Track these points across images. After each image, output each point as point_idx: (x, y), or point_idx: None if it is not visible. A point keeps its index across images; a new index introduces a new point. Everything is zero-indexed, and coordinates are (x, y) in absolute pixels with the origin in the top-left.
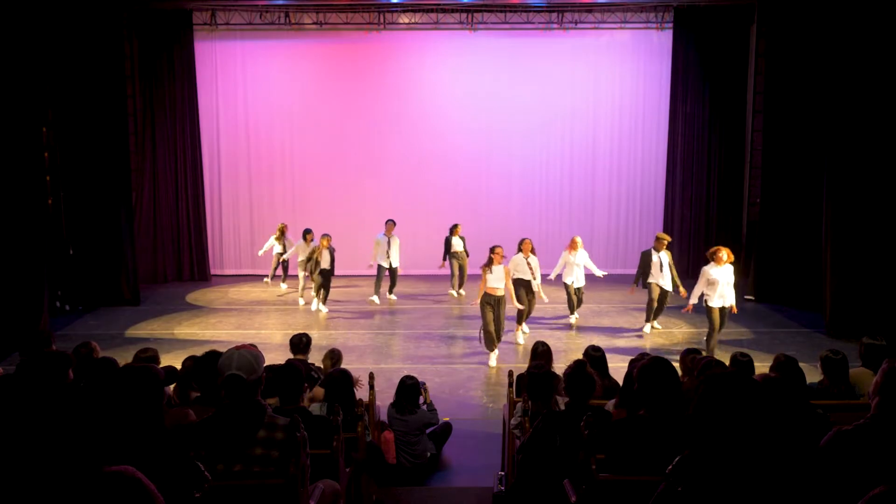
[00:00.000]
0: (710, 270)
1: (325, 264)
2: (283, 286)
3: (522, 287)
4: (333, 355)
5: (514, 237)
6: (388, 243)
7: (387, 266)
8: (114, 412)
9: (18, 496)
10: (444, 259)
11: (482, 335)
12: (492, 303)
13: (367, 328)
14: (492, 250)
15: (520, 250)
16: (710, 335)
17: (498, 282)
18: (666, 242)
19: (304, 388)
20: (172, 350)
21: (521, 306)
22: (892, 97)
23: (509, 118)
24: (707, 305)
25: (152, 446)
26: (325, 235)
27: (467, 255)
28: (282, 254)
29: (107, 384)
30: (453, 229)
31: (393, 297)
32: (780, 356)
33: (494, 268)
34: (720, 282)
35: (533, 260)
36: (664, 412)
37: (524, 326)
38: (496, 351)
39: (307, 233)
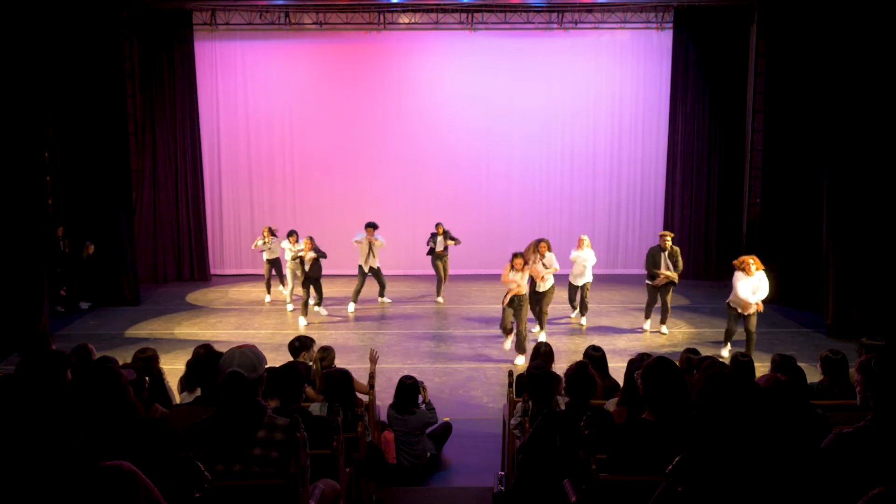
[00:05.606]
0: (739, 283)
1: (309, 269)
2: (284, 291)
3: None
4: (325, 353)
5: (514, 237)
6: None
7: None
8: (83, 406)
9: (16, 493)
10: (429, 254)
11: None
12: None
13: (366, 328)
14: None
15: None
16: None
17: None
18: (668, 239)
19: (304, 389)
20: (172, 350)
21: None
22: (892, 97)
23: (509, 118)
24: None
25: (135, 441)
26: (308, 238)
27: (456, 242)
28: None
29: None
30: (437, 227)
31: (386, 299)
32: (776, 356)
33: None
34: (744, 290)
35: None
36: (670, 413)
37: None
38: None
39: (291, 234)
